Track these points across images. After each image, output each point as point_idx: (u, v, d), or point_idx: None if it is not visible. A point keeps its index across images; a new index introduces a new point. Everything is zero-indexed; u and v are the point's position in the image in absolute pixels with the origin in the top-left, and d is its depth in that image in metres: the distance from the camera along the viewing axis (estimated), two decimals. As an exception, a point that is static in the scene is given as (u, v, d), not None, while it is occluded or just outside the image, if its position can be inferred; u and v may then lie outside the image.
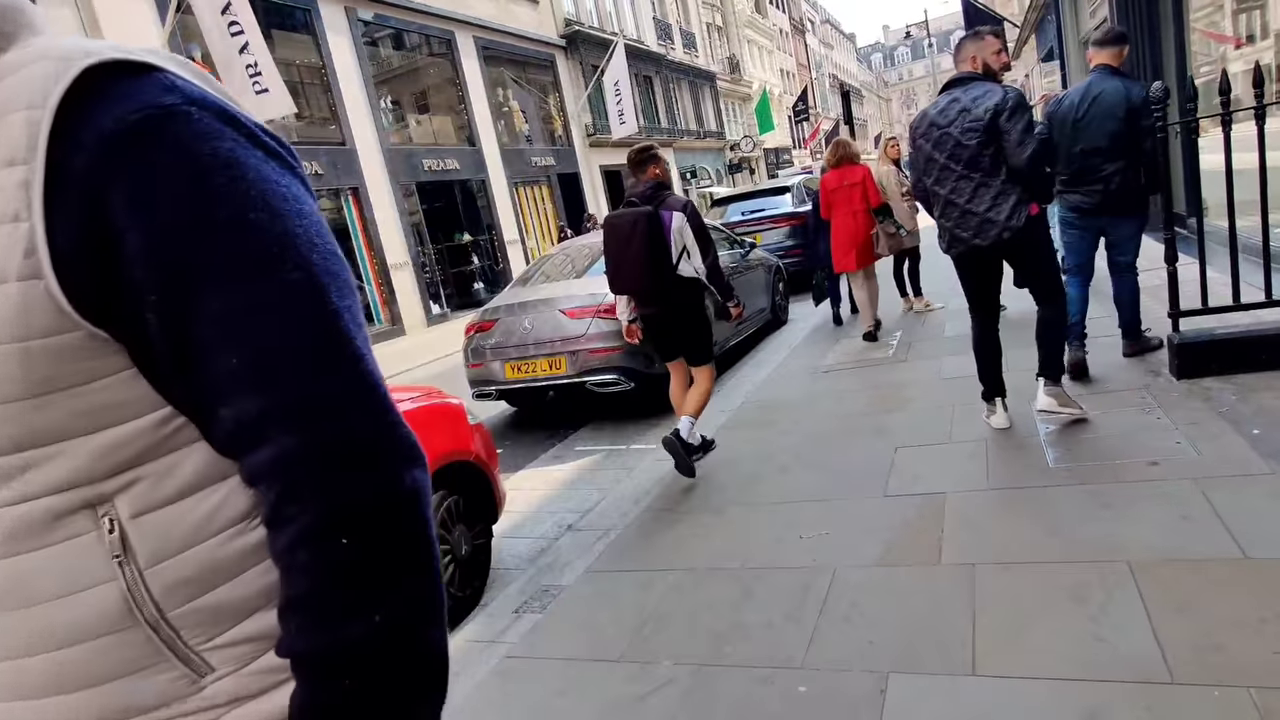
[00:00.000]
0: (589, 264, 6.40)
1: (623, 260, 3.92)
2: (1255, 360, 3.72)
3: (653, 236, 3.79)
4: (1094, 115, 4.00)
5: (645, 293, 3.99)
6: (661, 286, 3.89)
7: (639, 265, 3.85)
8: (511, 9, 21.39)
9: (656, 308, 4.04)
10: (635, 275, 3.91)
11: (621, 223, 3.91)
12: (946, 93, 3.59)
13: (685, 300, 3.99)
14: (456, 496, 3.15)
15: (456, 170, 18.32)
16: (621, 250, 3.90)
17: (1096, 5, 11.95)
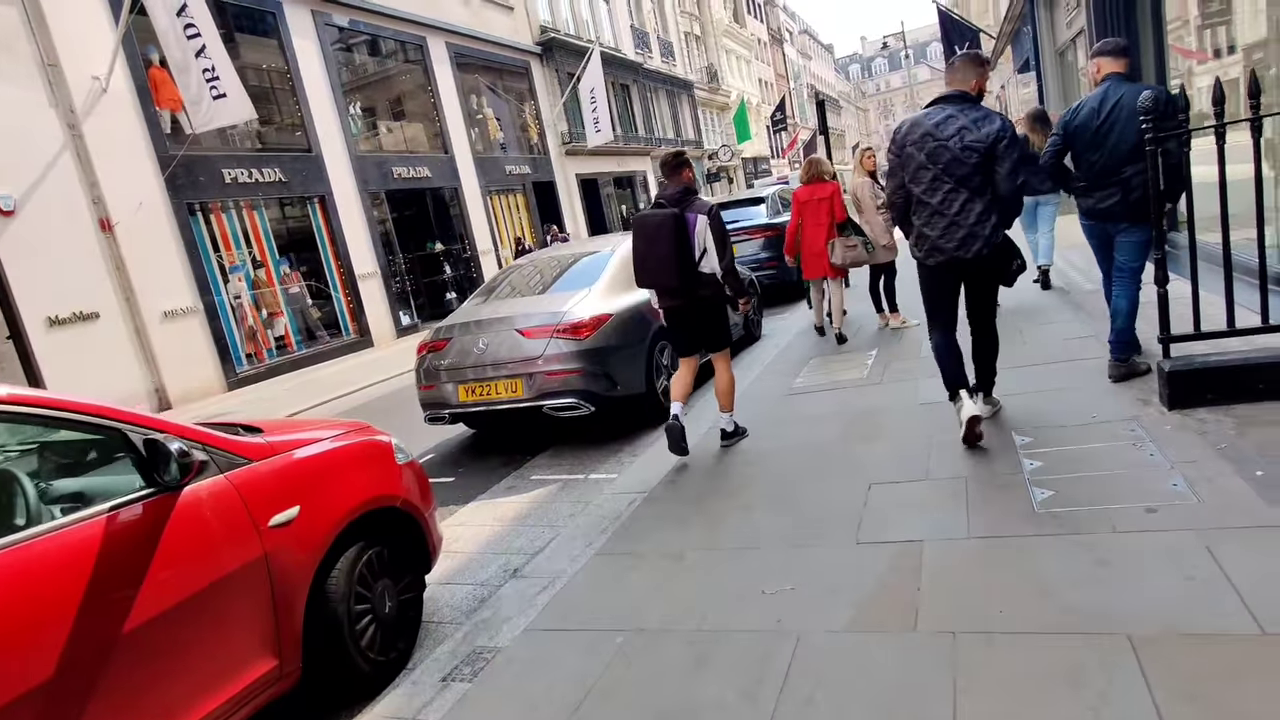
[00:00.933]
0: (552, 279, 6.08)
1: (649, 256, 4.25)
2: (1252, 390, 3.47)
3: (679, 236, 4.13)
4: (1116, 120, 3.97)
5: (669, 288, 4.32)
6: (685, 282, 4.22)
7: (665, 262, 4.19)
8: (486, 15, 21.08)
9: (679, 301, 4.37)
10: (661, 271, 4.25)
11: (650, 222, 4.24)
12: (939, 106, 3.69)
13: (706, 295, 4.33)
14: (380, 547, 2.80)
15: (428, 178, 17.94)
16: (649, 247, 4.24)
17: (1073, 16, 11.88)
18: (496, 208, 20.78)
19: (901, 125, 3.87)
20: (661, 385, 5.72)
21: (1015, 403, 4.25)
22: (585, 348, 5.12)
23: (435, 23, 18.32)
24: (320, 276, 14.74)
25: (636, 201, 30.15)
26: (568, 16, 26.13)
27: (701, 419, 5.30)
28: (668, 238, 4.14)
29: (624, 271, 5.87)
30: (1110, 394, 4.06)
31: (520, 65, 22.77)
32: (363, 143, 16.33)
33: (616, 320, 5.37)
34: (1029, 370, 4.81)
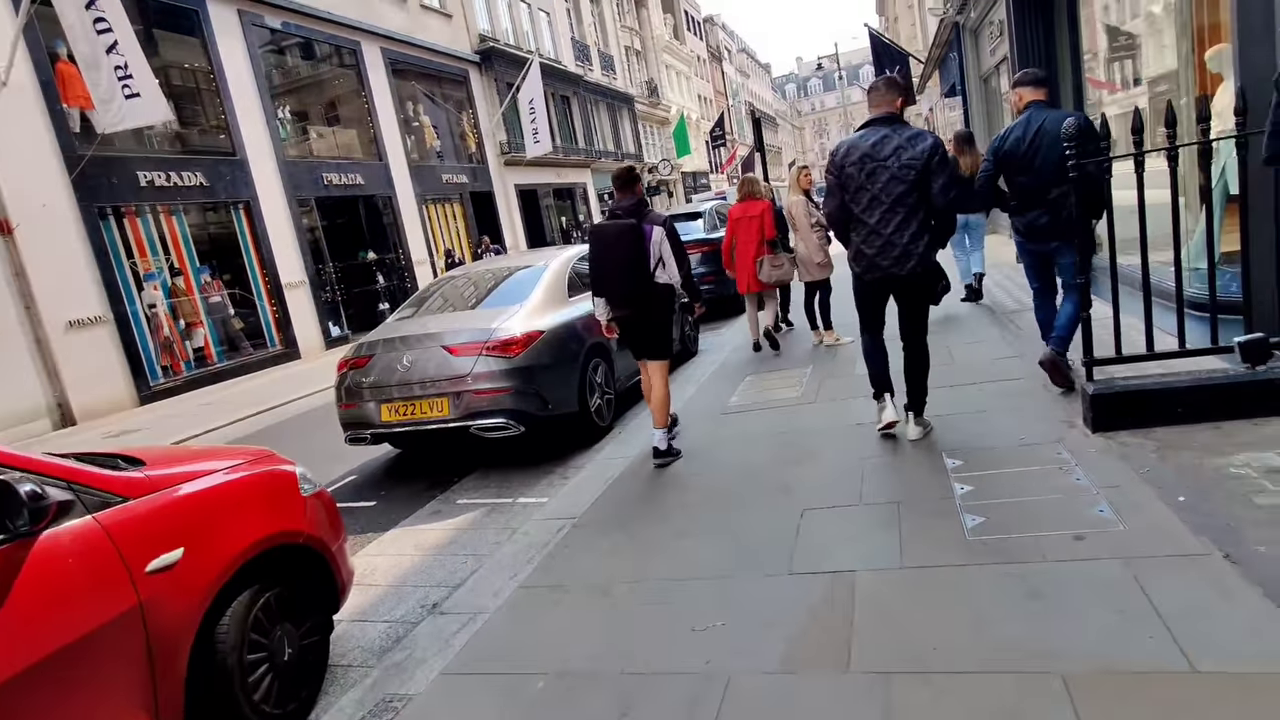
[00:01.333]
0: (482, 294, 5.88)
1: (607, 266, 4.43)
2: (1171, 414, 3.54)
3: (636, 246, 4.30)
4: (1040, 145, 4.21)
5: (626, 295, 4.44)
6: (640, 290, 4.38)
7: (622, 271, 4.36)
8: (424, 22, 20.70)
9: (633, 309, 4.48)
10: (618, 279, 4.41)
11: (608, 232, 4.42)
12: (873, 128, 3.85)
13: (658, 304, 4.50)
14: (280, 589, 2.57)
15: (361, 185, 17.43)
16: (607, 256, 4.41)
17: (996, 44, 12.32)
18: (433, 217, 20.35)
19: (839, 147, 4.00)
20: (595, 404, 5.58)
21: (946, 423, 4.26)
22: (516, 365, 4.94)
23: (370, 27, 17.88)
24: (244, 285, 14.11)
25: (576, 213, 30.01)
26: (508, 26, 25.92)
27: (634, 440, 5.18)
28: (626, 248, 4.33)
29: (557, 287, 5.73)
30: (1037, 416, 4.10)
31: (458, 73, 22.43)
32: (292, 148, 15.75)
33: (549, 337, 5.21)
34: (959, 390, 4.85)
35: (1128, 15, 7.92)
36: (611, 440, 5.43)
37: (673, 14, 46.75)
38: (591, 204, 30.70)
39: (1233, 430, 3.37)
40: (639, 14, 40.53)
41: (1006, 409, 4.31)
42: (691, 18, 50.80)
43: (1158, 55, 8.16)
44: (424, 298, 6.11)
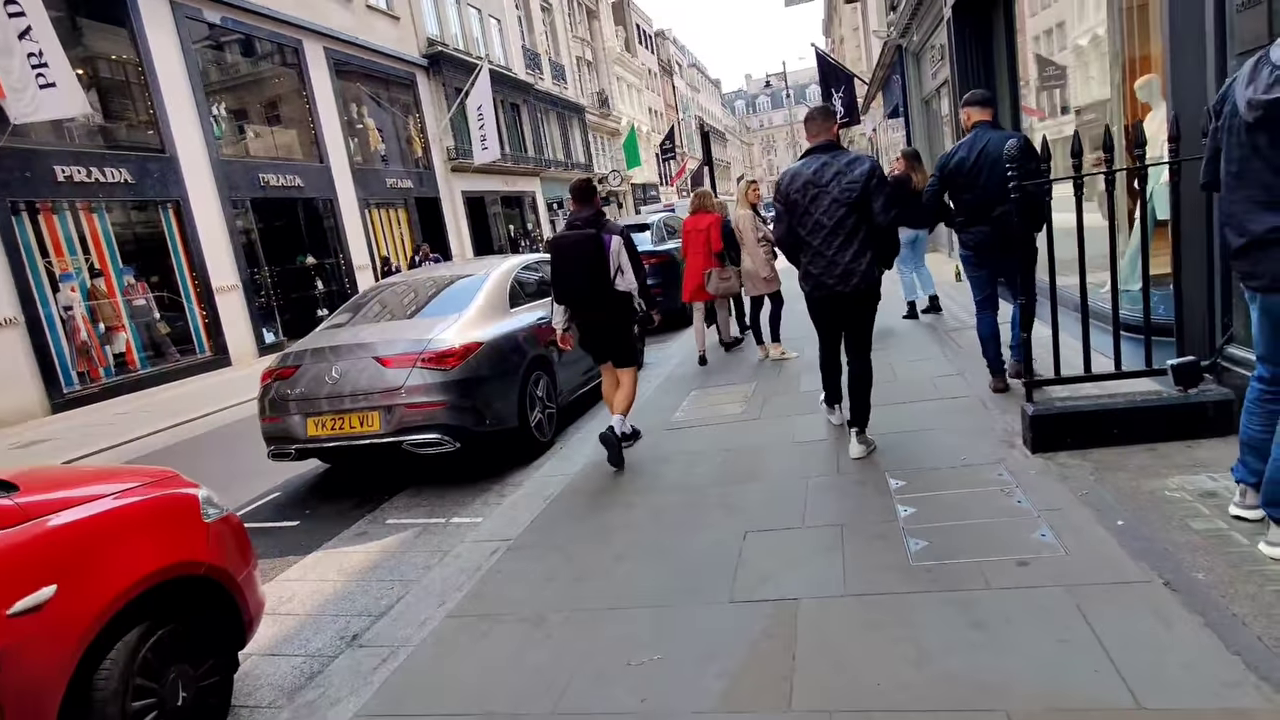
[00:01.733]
0: (419, 303, 5.65)
1: (568, 274, 4.56)
2: (1107, 435, 3.56)
3: (596, 255, 4.44)
4: (984, 164, 4.41)
5: (586, 301, 4.62)
6: (600, 297, 4.54)
7: (583, 278, 4.50)
8: (369, 22, 20.25)
9: (594, 315, 4.67)
10: (579, 286, 4.56)
11: (568, 241, 4.55)
12: (813, 156, 4.05)
13: (618, 310, 4.65)
14: (174, 626, 2.33)
15: (300, 187, 16.89)
16: (568, 265, 4.54)
17: (937, 68, 12.62)
18: (376, 222, 19.85)
19: (784, 176, 4.19)
20: (535, 419, 5.40)
21: (889, 442, 4.23)
22: (452, 379, 4.74)
23: (312, 25, 17.38)
24: (172, 288, 13.48)
25: (525, 222, 29.72)
26: (457, 31, 25.58)
27: (575, 456, 5.02)
28: (586, 256, 4.47)
29: (498, 297, 5.55)
30: (978, 435, 4.10)
31: (405, 76, 22.01)
32: (227, 146, 15.15)
33: (488, 349, 5.02)
34: (902, 408, 4.83)
35: (1056, 47, 8.18)
36: (552, 456, 5.26)
37: (624, 27, 46.97)
38: (540, 213, 30.45)
39: (1167, 452, 3.41)
40: (590, 25, 40.57)
41: (949, 428, 4.30)
42: (643, 31, 51.13)
43: (1085, 85, 8.49)
44: (358, 305, 5.85)
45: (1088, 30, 7.52)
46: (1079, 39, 8.04)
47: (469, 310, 5.23)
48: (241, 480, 5.85)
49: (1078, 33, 7.62)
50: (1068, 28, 8.06)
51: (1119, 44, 6.73)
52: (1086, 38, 7.85)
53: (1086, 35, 7.78)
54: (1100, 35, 7.21)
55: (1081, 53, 7.94)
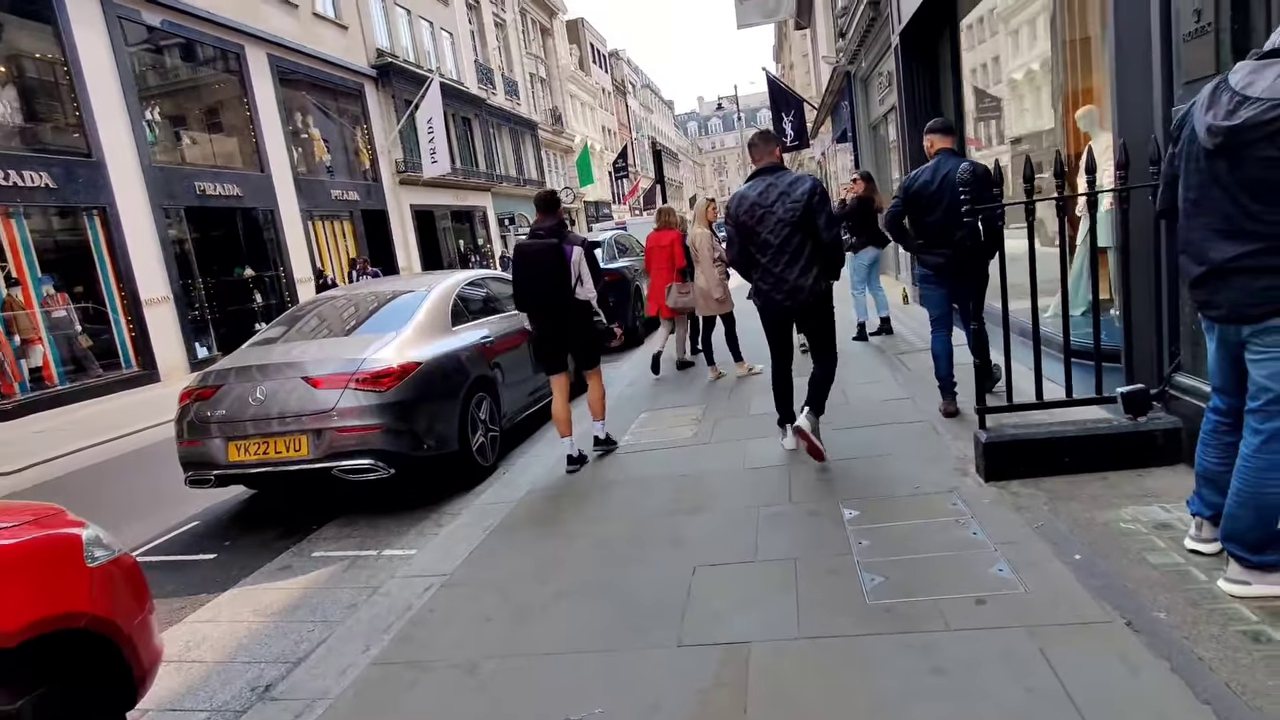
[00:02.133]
0: (354, 321, 5.38)
1: (530, 281, 4.70)
2: (1059, 464, 3.52)
3: (557, 264, 4.59)
4: (946, 189, 4.50)
5: (547, 309, 4.75)
6: (561, 304, 4.68)
7: (545, 286, 4.64)
8: (316, 31, 19.79)
9: (554, 323, 4.80)
10: (541, 294, 4.69)
11: (531, 250, 4.70)
12: (759, 179, 4.23)
13: (579, 317, 4.80)
14: (46, 689, 2.04)
15: (239, 197, 16.29)
16: (530, 273, 4.69)
17: (885, 94, 12.85)
18: (320, 234, 19.30)
19: (732, 201, 4.39)
20: (477, 442, 5.15)
21: (841, 468, 4.13)
22: (387, 400, 4.48)
23: (254, 31, 16.88)
24: (98, 299, 12.79)
25: (475, 237, 29.32)
26: (408, 44, 25.23)
27: (518, 482, 4.80)
28: (548, 265, 4.61)
29: (440, 314, 5.32)
30: (931, 461, 4.03)
31: (353, 87, 21.55)
32: (161, 153, 14.52)
33: (427, 369, 4.77)
34: (855, 433, 4.75)
35: (991, 81, 8.38)
36: (495, 482, 5.02)
37: (579, 45, 47.12)
38: (491, 228, 30.09)
39: (1118, 481, 3.37)
40: (545, 43, 40.57)
41: (902, 453, 4.23)
42: (597, 50, 51.37)
43: (1019, 116, 8.73)
44: (290, 321, 5.53)
45: (1022, 64, 7.70)
46: (1014, 72, 8.23)
47: (407, 328, 4.98)
48: (160, 506, 5.45)
49: (1012, 66, 7.80)
50: (1003, 61, 8.25)
51: (1061, 76, 6.90)
52: (1023, 71, 8.05)
53: (1021, 69, 7.97)
54: (1035, 69, 7.40)
55: (1017, 85, 8.15)
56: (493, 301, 6.26)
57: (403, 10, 25.17)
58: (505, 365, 5.80)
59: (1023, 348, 3.93)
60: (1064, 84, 6.98)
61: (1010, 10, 7.90)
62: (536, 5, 38.84)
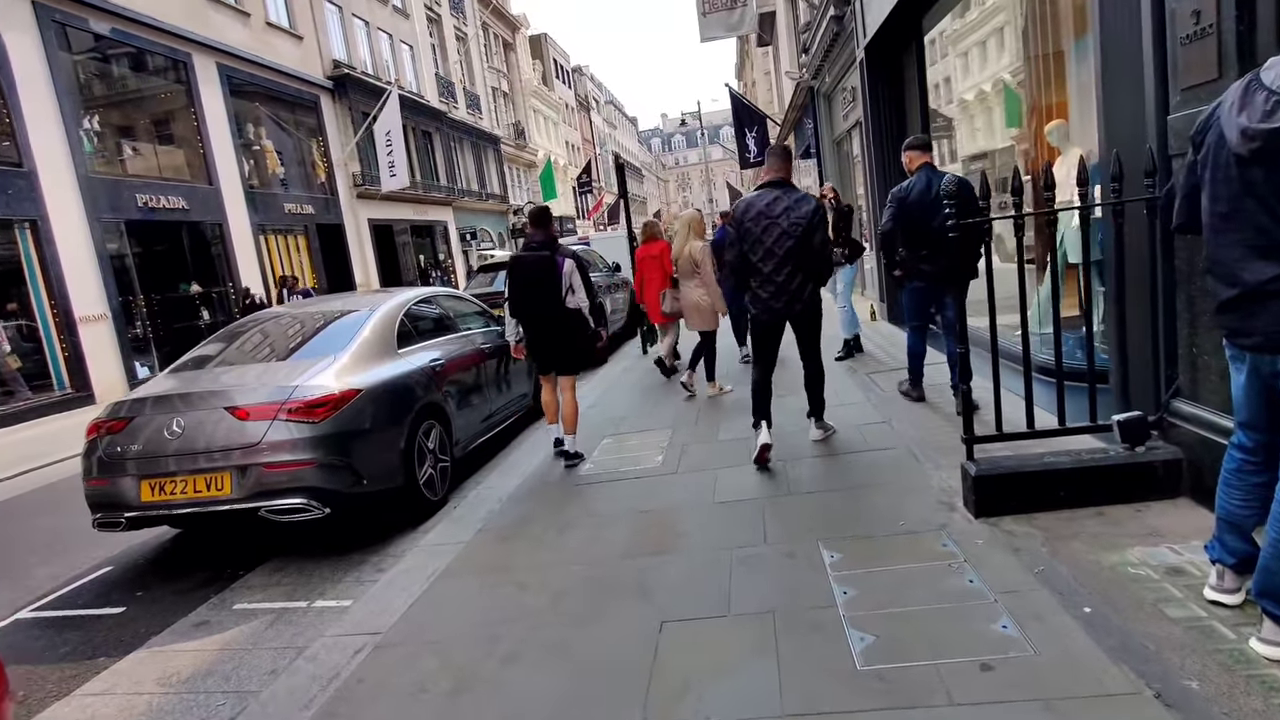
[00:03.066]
0: (289, 344, 4.94)
1: (526, 290, 5.11)
2: (1054, 497, 3.25)
3: (549, 274, 4.98)
4: (935, 201, 4.68)
5: (540, 317, 5.13)
6: (553, 313, 5.06)
7: (539, 295, 5.03)
8: (269, 41, 19.21)
9: (546, 329, 5.15)
10: (535, 302, 5.08)
11: (527, 261, 5.12)
12: (768, 190, 4.47)
13: (568, 325, 5.12)
14: None
15: (185, 210, 15.62)
16: (526, 283, 5.10)
17: (849, 109, 12.78)
18: (272, 248, 18.64)
19: (739, 205, 4.62)
20: (425, 475, 4.75)
21: (818, 502, 3.84)
22: (323, 432, 4.06)
23: (204, 40, 16.28)
24: (29, 316, 12.04)
25: (436, 252, 28.74)
26: (366, 56, 24.72)
27: (470, 518, 4.40)
28: (541, 275, 5.02)
29: (384, 336, 4.91)
30: (913, 493, 3.74)
31: (309, 98, 20.97)
32: (100, 164, 13.82)
33: (369, 396, 4.36)
34: (829, 462, 4.47)
35: (955, 97, 8.29)
36: (444, 518, 4.61)
37: (542, 61, 46.92)
38: (453, 242, 29.53)
39: (1118, 517, 3.11)
40: (507, 57, 40.28)
41: (882, 484, 3.94)
42: (561, 66, 51.25)
43: (970, 139, 8.67)
44: (218, 345, 5.06)
45: (989, 77, 7.60)
46: (980, 85, 8.14)
47: (347, 351, 4.56)
48: (74, 547, 4.94)
49: (979, 79, 7.69)
50: (969, 75, 8.16)
51: (1033, 91, 6.78)
52: (989, 84, 7.95)
53: (986, 83, 7.88)
54: (1000, 83, 7.30)
55: (985, 98, 8.06)
56: (445, 322, 5.87)
57: (361, 22, 24.69)
58: (458, 390, 5.41)
59: (1009, 372, 3.68)
60: (1038, 99, 6.87)
61: (974, 25, 7.81)
62: (499, 20, 38.57)
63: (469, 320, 6.50)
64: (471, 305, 6.74)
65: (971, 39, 7.99)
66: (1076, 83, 5.98)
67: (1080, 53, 6.16)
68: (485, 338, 6.32)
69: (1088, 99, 5.94)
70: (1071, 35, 6.37)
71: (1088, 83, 5.88)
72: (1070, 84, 6.30)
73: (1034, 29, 6.43)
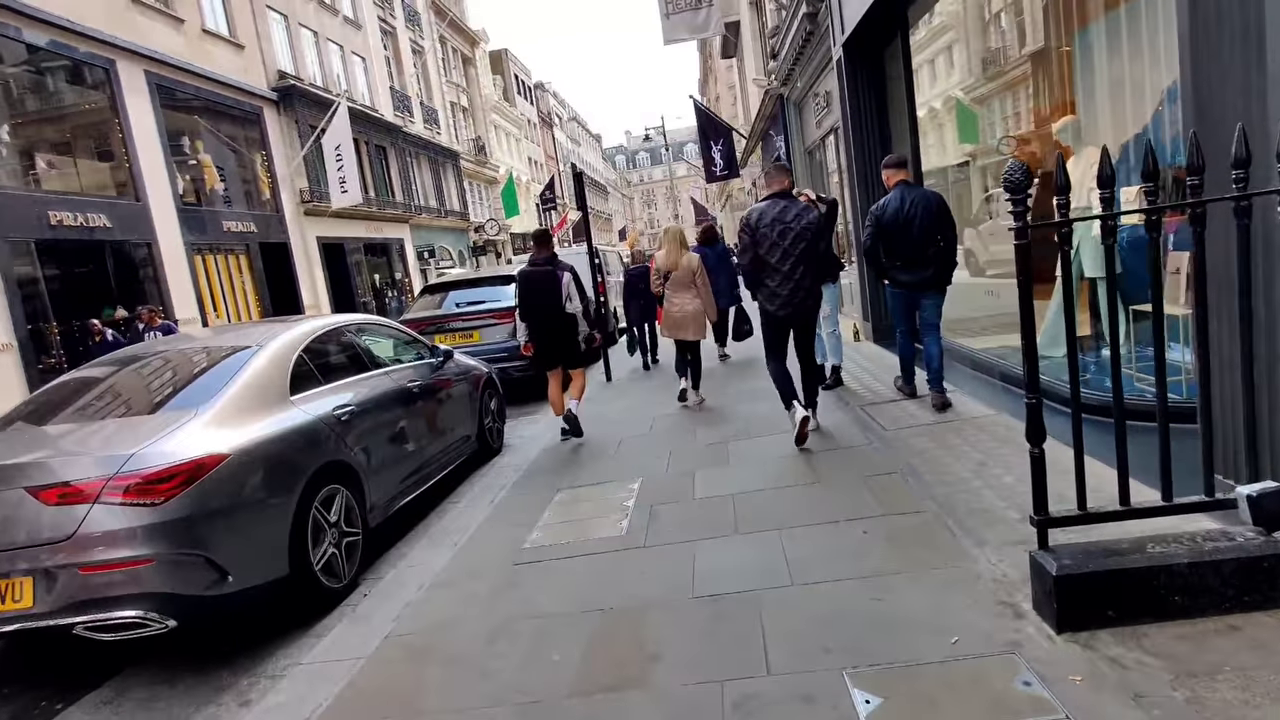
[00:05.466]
0: (138, 394, 3.87)
1: (535, 300, 6.17)
2: (1166, 603, 2.35)
3: (552, 286, 6.10)
4: (915, 215, 5.23)
5: (544, 320, 6.17)
6: (555, 316, 6.14)
7: (545, 303, 6.12)
8: (206, 49, 18.01)
9: (550, 329, 6.19)
10: (542, 309, 6.15)
11: (535, 275, 6.20)
12: (775, 200, 5.01)
13: (568, 326, 6.21)
14: None
15: (108, 229, 14.31)
16: (532, 292, 6.19)
17: (822, 116, 12.05)
18: (210, 270, 17.36)
19: (752, 213, 5.08)
20: (322, 556, 3.69)
21: (831, 598, 2.90)
22: (169, 516, 3.00)
23: (128, 45, 15.04)
24: (-87, 347, 10.70)
25: (393, 271, 27.49)
26: (315, 68, 23.55)
27: (381, 612, 3.37)
28: (545, 286, 6.07)
29: (269, 379, 3.87)
30: (960, 587, 2.82)
31: (251, 110, 19.75)
32: (5, 177, 12.52)
33: (239, 462, 3.32)
34: (836, 533, 3.53)
35: (946, 93, 7.56)
36: (346, 615, 3.56)
37: (502, 76, 45.99)
38: (410, 261, 28.29)
39: (1264, 638, 2.22)
40: (466, 72, 39.30)
41: (913, 572, 3.01)
42: (522, 82, 50.37)
43: (939, 152, 8.03)
44: (42, 399, 3.96)
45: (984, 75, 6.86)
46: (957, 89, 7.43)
47: (216, 403, 3.51)
48: None
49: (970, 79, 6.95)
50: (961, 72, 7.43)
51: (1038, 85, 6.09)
52: (979, 89, 7.23)
53: (982, 81, 7.15)
54: (999, 80, 6.57)
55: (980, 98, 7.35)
56: (362, 357, 4.84)
57: (309, 32, 23.54)
58: (375, 442, 4.39)
59: (1055, 417, 2.78)
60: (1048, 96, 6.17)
61: (964, 15, 7.07)
62: (457, 34, 37.62)
63: (400, 352, 5.48)
64: (400, 335, 5.71)
65: (963, 32, 7.25)
66: (1178, 38, 5.33)
67: (1085, 44, 5.50)
68: (417, 374, 5.30)
69: (1096, 94, 5.22)
70: (1075, 24, 5.70)
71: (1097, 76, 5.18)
72: (1078, 77, 5.62)
73: (1035, 18, 5.77)
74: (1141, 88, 4.56)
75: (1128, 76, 4.74)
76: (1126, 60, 4.70)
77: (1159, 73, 4.42)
